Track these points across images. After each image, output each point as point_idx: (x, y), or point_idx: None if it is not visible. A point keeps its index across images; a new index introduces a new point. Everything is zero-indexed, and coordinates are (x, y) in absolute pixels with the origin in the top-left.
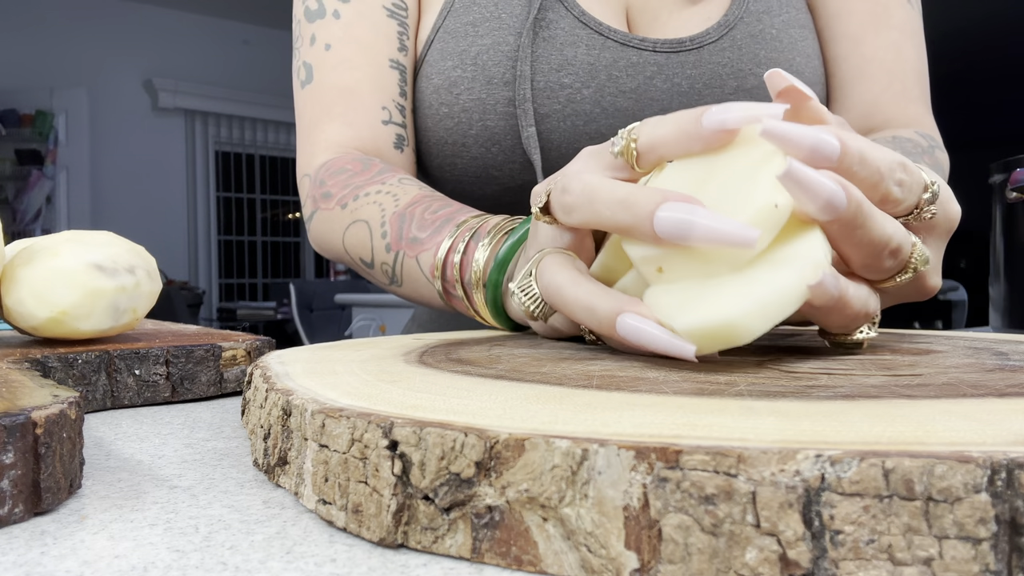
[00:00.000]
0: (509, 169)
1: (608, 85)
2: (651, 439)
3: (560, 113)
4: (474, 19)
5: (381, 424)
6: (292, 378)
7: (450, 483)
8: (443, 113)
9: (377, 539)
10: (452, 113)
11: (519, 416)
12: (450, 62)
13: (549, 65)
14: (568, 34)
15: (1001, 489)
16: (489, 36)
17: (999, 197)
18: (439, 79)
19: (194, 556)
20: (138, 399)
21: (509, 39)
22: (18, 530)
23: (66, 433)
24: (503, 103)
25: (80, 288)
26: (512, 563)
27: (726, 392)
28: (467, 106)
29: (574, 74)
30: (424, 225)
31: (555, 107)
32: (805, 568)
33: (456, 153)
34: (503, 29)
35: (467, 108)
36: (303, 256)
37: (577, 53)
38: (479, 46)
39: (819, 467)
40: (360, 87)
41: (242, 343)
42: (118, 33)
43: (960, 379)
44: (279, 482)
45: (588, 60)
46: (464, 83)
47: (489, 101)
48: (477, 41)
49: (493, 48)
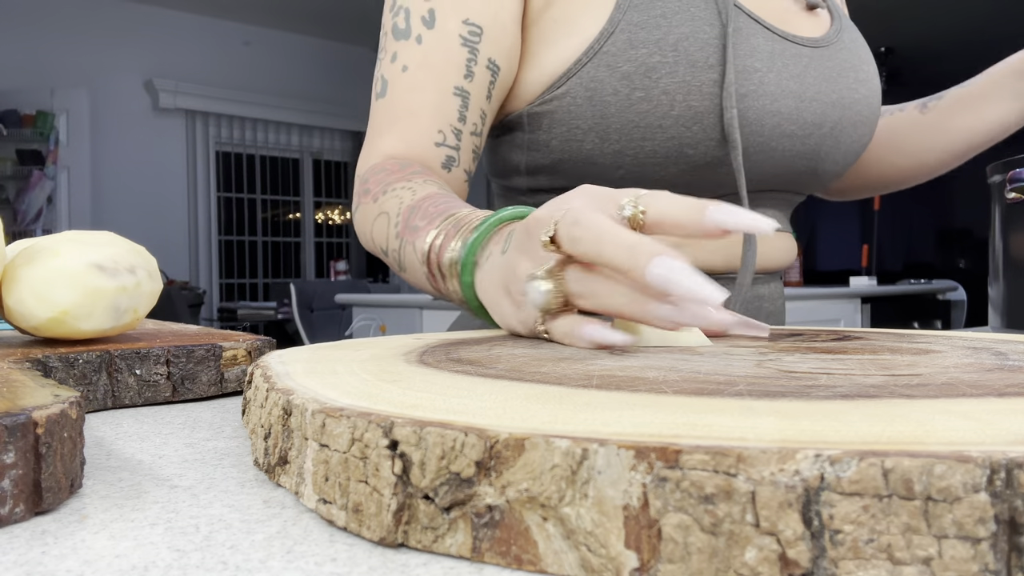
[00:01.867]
0: (705, 147)
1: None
2: (651, 439)
3: (754, 93)
4: (664, 12)
5: (381, 424)
6: (293, 378)
7: (450, 483)
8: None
9: (377, 538)
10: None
11: (519, 416)
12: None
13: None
14: (749, 26)
15: (1000, 489)
16: (685, 25)
17: (998, 197)
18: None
19: (195, 555)
20: (139, 399)
21: (706, 28)
22: (19, 529)
23: (67, 433)
24: (708, 84)
25: (81, 288)
26: (512, 562)
27: (726, 392)
28: (669, 88)
29: (761, 59)
30: (425, 216)
31: (750, 88)
32: (804, 568)
33: (647, 136)
34: (697, 20)
35: (668, 91)
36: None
37: (759, 43)
38: (677, 34)
39: (818, 467)
40: (422, 111)
41: (243, 343)
42: (119, 33)
43: (959, 379)
44: (279, 482)
45: (767, 48)
46: (665, 67)
47: (694, 83)
48: (674, 30)
49: (693, 35)
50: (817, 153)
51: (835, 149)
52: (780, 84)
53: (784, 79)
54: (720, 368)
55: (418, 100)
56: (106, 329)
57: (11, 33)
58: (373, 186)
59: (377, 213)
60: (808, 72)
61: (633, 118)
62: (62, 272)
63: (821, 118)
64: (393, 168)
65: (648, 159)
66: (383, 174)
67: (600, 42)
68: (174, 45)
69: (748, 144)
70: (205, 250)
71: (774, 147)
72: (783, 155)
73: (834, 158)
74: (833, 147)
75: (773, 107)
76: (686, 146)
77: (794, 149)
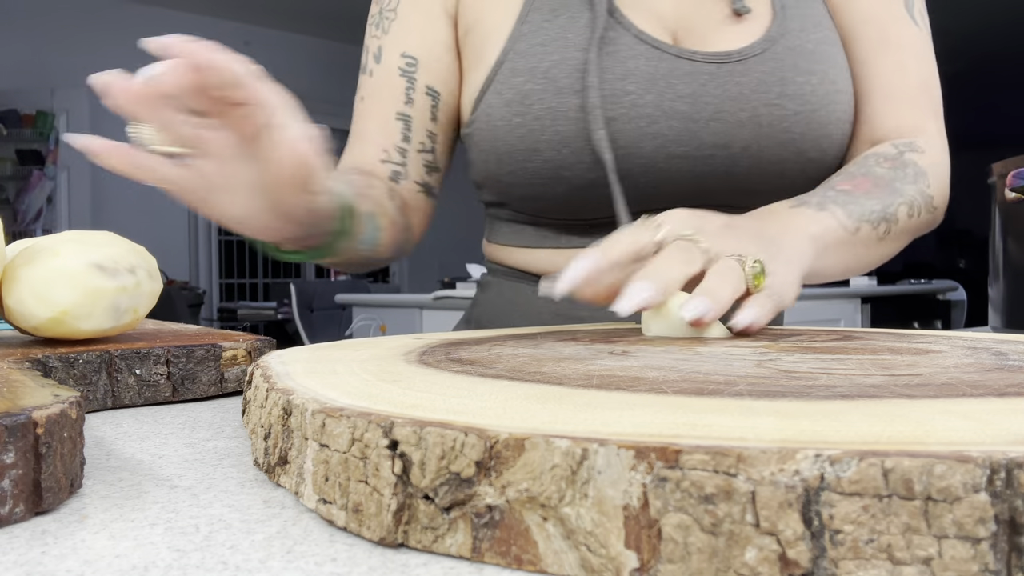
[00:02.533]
0: (579, 169)
1: (667, 91)
2: (651, 439)
3: (626, 116)
4: (543, 40)
5: (381, 424)
6: (293, 378)
7: (450, 483)
8: (515, 123)
9: (377, 538)
10: (525, 122)
11: (519, 416)
12: (522, 77)
13: (614, 75)
14: (629, 49)
15: (1000, 489)
16: (558, 53)
17: (999, 197)
18: (511, 93)
19: (195, 555)
20: (139, 399)
21: (576, 55)
22: (19, 529)
23: (67, 433)
24: (573, 109)
25: (81, 288)
26: (512, 562)
27: (726, 392)
28: (539, 114)
29: (636, 82)
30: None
31: (621, 111)
32: (804, 567)
33: (528, 158)
34: (570, 47)
35: (539, 116)
36: None
37: (638, 64)
38: (549, 62)
39: (818, 467)
40: (369, 135)
41: (242, 343)
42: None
43: (959, 379)
44: (279, 482)
45: (648, 70)
46: (536, 94)
47: (560, 108)
48: (547, 58)
49: (562, 63)
50: (731, 173)
51: (757, 167)
52: (661, 106)
53: (667, 100)
54: (720, 368)
55: (367, 125)
56: (106, 329)
57: (11, 33)
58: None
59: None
60: (706, 91)
61: (514, 142)
62: (62, 272)
63: (726, 138)
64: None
65: (534, 180)
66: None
67: (495, 71)
68: None
69: (631, 166)
70: (205, 250)
71: (663, 168)
72: (680, 176)
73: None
74: (754, 166)
75: (651, 129)
76: (562, 168)
77: (693, 170)
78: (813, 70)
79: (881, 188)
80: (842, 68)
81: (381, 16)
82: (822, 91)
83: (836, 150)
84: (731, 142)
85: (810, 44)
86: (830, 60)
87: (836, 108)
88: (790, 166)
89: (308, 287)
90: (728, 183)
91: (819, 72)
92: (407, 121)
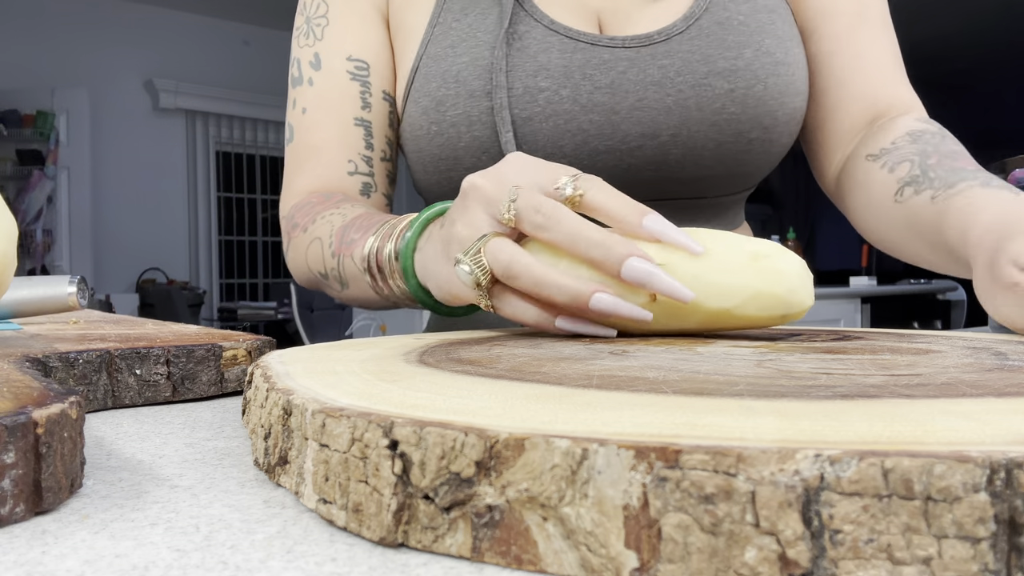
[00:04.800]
0: None
1: (584, 84)
2: (651, 439)
3: (541, 114)
4: (452, 41)
5: (381, 424)
6: (293, 378)
7: (450, 482)
8: (433, 131)
9: (377, 538)
10: (441, 130)
11: (519, 416)
12: (435, 83)
13: (525, 72)
14: (540, 42)
15: (1000, 489)
16: (467, 54)
17: None
18: (426, 100)
19: (195, 555)
20: (139, 399)
21: (485, 54)
22: (19, 529)
23: (67, 433)
24: (487, 112)
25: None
26: (512, 562)
27: (726, 392)
28: (454, 120)
29: (550, 77)
30: (360, 228)
31: (536, 110)
32: (804, 567)
33: (451, 167)
34: (480, 46)
35: (455, 123)
36: None
37: (551, 58)
38: (459, 64)
39: (818, 467)
40: (328, 145)
41: (243, 343)
42: (119, 33)
43: (959, 379)
44: (279, 482)
45: (562, 63)
46: (449, 100)
47: (474, 113)
48: (457, 60)
49: (472, 64)
50: (662, 163)
51: (691, 154)
52: (578, 100)
53: (585, 93)
54: (720, 368)
55: (321, 136)
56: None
57: (11, 33)
58: (301, 219)
59: (310, 240)
60: (626, 79)
61: (435, 151)
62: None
63: (653, 127)
64: (318, 200)
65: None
66: (308, 207)
67: (410, 79)
68: (174, 45)
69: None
70: (205, 250)
71: (588, 166)
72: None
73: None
74: (687, 153)
75: (571, 126)
76: None
77: (620, 164)
78: (746, 43)
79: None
80: (782, 38)
81: (309, 25)
82: (757, 65)
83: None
84: (658, 130)
85: (740, 15)
86: (765, 31)
87: (777, 82)
88: (729, 149)
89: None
90: (661, 173)
91: (753, 44)
92: (367, 127)
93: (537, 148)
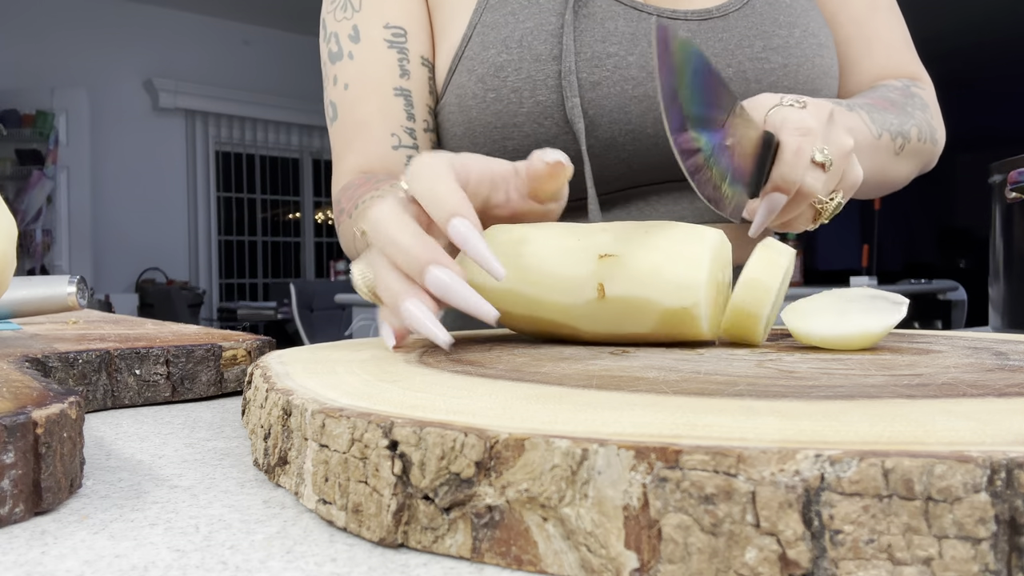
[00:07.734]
0: (563, 141)
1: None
2: (651, 439)
3: (609, 79)
4: (513, 8)
5: (381, 424)
6: (292, 378)
7: (450, 483)
8: (490, 98)
9: (377, 539)
10: (500, 96)
11: (519, 416)
12: (494, 49)
13: (593, 37)
14: (606, 10)
15: (1000, 489)
16: (531, 20)
17: (999, 197)
18: (483, 68)
19: (194, 556)
20: (138, 399)
21: (551, 19)
22: (19, 529)
23: (67, 433)
24: (553, 76)
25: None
26: (512, 563)
27: (726, 392)
28: (516, 86)
29: (618, 43)
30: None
31: (604, 74)
32: (805, 568)
33: (506, 135)
34: (544, 12)
35: (516, 88)
36: (303, 256)
37: (618, 25)
38: (523, 29)
39: (819, 467)
40: (371, 119)
41: (242, 343)
42: (118, 33)
43: (960, 379)
44: (279, 482)
45: (629, 30)
46: (511, 65)
47: (539, 77)
48: (519, 26)
49: (537, 29)
50: None
51: None
52: (645, 66)
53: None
54: (720, 368)
55: (364, 111)
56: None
57: (11, 33)
58: (346, 204)
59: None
60: None
61: (490, 119)
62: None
63: None
64: (360, 182)
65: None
66: (351, 190)
67: (462, 48)
68: (174, 45)
69: (615, 134)
70: (205, 250)
71: (651, 134)
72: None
73: None
74: None
75: (637, 92)
76: (543, 142)
77: None
78: (795, 23)
79: (896, 108)
80: (821, 23)
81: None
82: (805, 44)
83: None
84: None
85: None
86: (808, 14)
87: (821, 62)
88: None
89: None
90: None
91: (801, 25)
92: (407, 97)
93: (603, 113)
